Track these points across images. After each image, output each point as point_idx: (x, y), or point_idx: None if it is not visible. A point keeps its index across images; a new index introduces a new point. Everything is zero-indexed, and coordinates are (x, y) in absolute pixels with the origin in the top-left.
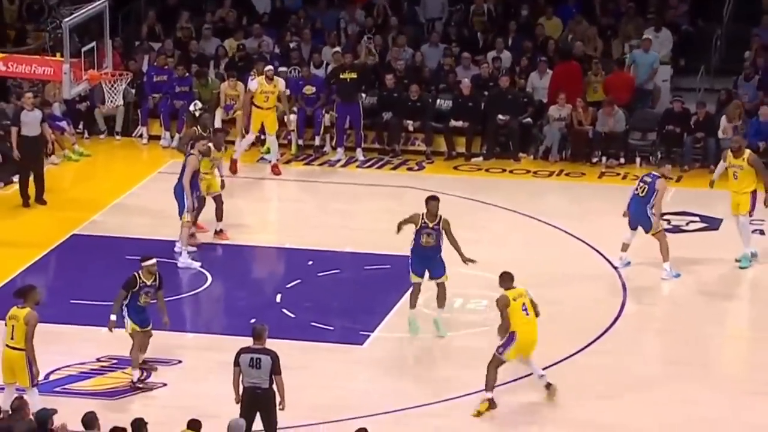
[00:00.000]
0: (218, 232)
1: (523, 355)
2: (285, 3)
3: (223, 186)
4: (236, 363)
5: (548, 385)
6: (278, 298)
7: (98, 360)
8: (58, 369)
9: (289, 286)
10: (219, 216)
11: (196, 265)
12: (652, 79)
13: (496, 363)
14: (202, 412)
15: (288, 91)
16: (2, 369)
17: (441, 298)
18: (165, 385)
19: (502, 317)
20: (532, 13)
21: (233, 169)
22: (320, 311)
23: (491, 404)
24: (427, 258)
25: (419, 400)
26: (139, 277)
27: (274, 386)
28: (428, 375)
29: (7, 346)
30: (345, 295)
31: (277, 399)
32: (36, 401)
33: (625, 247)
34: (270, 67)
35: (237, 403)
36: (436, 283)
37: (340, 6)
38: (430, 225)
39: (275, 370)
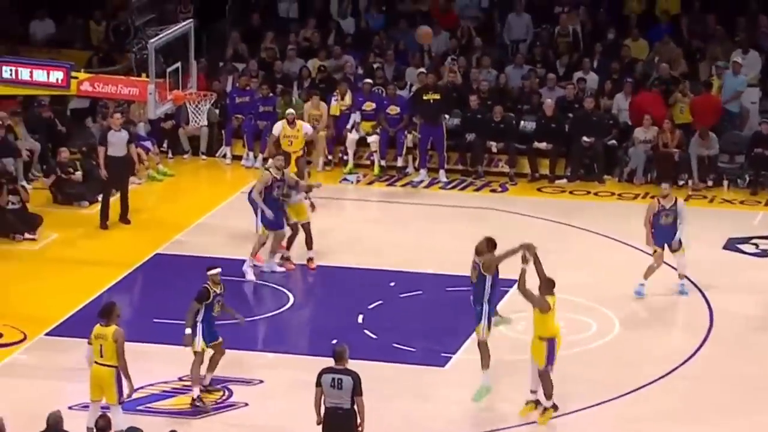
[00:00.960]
0: (309, 260)
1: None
2: (369, 24)
3: (313, 208)
4: (318, 383)
5: (537, 403)
6: (360, 319)
7: (180, 379)
8: (141, 388)
9: (370, 307)
10: (309, 244)
11: (251, 276)
12: (737, 100)
13: (547, 375)
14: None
15: (319, 132)
16: (91, 386)
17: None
18: (246, 404)
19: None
20: (618, 34)
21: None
22: (402, 333)
23: (554, 408)
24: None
25: (501, 422)
26: (210, 288)
27: (355, 407)
28: (511, 397)
29: (96, 363)
30: (427, 317)
31: (358, 420)
32: (119, 419)
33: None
34: (291, 111)
35: (318, 424)
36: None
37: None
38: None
39: (357, 391)
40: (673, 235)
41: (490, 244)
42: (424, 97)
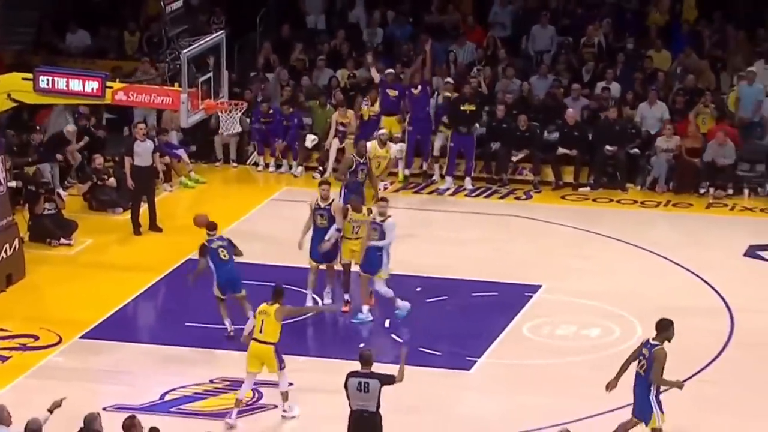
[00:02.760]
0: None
1: None
2: (395, 34)
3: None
4: (345, 386)
5: None
6: (387, 323)
7: (212, 381)
8: (173, 390)
9: (397, 311)
10: (346, 285)
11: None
12: (759, 111)
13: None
14: None
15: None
16: (249, 359)
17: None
18: (276, 407)
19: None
20: (640, 45)
21: None
22: (428, 337)
23: None
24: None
25: (525, 425)
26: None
27: (380, 410)
28: (534, 401)
29: (254, 339)
30: (452, 322)
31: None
32: (284, 381)
33: None
34: (384, 131)
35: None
36: None
37: (452, 38)
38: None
39: (386, 383)
40: None
41: None
42: (461, 108)
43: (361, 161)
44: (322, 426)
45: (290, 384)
